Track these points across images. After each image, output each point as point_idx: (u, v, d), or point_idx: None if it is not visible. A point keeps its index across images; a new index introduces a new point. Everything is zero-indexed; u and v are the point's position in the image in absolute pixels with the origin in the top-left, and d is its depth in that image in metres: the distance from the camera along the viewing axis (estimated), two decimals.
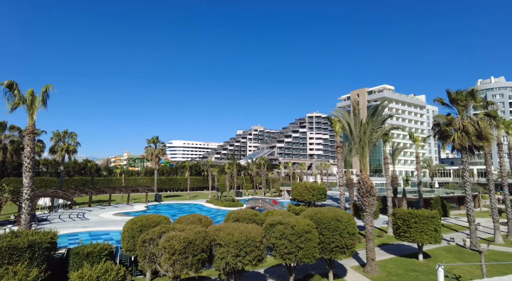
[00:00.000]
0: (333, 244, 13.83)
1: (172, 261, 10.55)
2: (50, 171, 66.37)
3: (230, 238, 11.31)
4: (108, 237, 23.81)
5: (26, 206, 16.44)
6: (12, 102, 16.52)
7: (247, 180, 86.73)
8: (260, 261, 11.95)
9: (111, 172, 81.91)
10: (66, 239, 22.37)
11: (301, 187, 26.97)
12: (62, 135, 51.70)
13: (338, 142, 25.66)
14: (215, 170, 67.10)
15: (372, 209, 17.35)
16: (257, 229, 12.38)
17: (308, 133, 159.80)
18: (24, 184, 16.49)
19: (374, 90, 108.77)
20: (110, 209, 42.17)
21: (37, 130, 17.99)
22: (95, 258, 12.70)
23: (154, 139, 62.56)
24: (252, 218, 16.96)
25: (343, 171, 26.51)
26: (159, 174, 69.28)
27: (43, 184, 56.34)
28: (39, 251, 12.05)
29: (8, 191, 29.10)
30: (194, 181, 77.59)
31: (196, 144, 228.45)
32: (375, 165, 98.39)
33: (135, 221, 14.74)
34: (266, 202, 38.09)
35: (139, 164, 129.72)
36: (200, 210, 43.41)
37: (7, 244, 11.53)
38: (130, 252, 14.13)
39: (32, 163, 16.78)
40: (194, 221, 15.44)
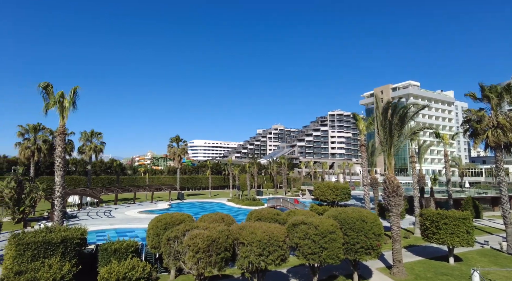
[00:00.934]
0: (358, 245, 13.49)
1: (196, 259, 10.65)
2: (79, 170, 69.35)
3: (253, 237, 11.28)
4: (133, 234, 24.52)
5: (58, 204, 17.19)
6: (46, 103, 17.30)
7: (268, 179, 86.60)
8: (283, 261, 11.84)
9: (136, 171, 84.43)
10: (95, 236, 23.21)
11: (324, 187, 26.52)
12: (89, 135, 53.83)
13: (362, 140, 24.98)
14: (235, 169, 67.48)
15: (399, 210, 16.75)
16: (280, 228, 12.27)
17: (330, 132, 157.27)
18: (56, 183, 17.24)
19: (399, 87, 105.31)
20: (135, 207, 43.43)
21: (67, 131, 18.75)
22: (122, 254, 13.06)
23: (176, 138, 63.79)
24: (274, 217, 16.85)
25: (367, 170, 25.78)
26: (181, 173, 70.61)
27: (73, 183, 58.92)
28: (70, 247, 12.55)
29: (42, 189, 30.63)
30: (215, 180, 78.46)
31: (217, 143, 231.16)
32: (400, 164, 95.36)
33: (160, 219, 15.03)
34: (287, 202, 37.84)
35: (162, 163, 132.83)
36: (221, 209, 43.82)
37: (42, 239, 12.08)
38: (155, 250, 14.43)
39: (63, 163, 17.52)
40: (217, 220, 15.53)
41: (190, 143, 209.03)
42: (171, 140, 63.84)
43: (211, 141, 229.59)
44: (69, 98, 17.38)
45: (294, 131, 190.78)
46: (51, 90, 17.31)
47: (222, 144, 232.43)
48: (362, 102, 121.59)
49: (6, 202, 28.49)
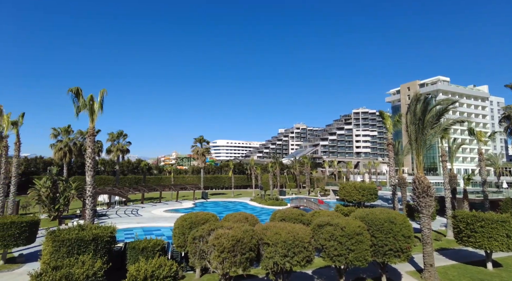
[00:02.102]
0: (386, 247, 13.01)
1: (221, 258, 10.69)
2: (107, 170, 72.23)
3: (278, 238, 11.17)
4: (159, 233, 25.12)
5: (89, 202, 17.92)
6: (77, 107, 18.09)
7: (290, 179, 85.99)
8: (309, 262, 11.64)
9: (161, 171, 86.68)
10: (123, 234, 24.01)
11: (350, 187, 25.91)
12: (116, 136, 55.99)
13: (389, 138, 24.13)
14: (257, 168, 67.56)
15: (429, 211, 15.97)
16: (305, 229, 12.08)
17: (354, 130, 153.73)
18: (87, 182, 17.97)
19: (427, 83, 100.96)
20: (161, 206, 44.57)
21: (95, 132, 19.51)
22: (149, 253, 13.38)
23: (199, 138, 64.91)
24: (299, 218, 16.64)
25: (395, 170, 24.87)
26: (204, 172, 71.71)
27: (102, 182, 61.44)
28: (101, 244, 13.02)
29: (74, 188, 32.14)
30: (237, 179, 78.98)
31: (239, 143, 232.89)
32: (429, 163, 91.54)
33: (185, 218, 15.26)
34: (311, 202, 37.32)
35: (186, 163, 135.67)
36: (244, 208, 44.00)
37: (75, 236, 12.63)
38: (181, 248, 14.67)
39: (93, 163, 18.24)
40: (241, 219, 15.56)
41: (212, 143, 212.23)
42: (195, 141, 65.03)
43: (233, 141, 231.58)
44: (97, 101, 18.07)
45: (316, 130, 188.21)
46: (81, 94, 18.06)
47: (244, 144, 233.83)
48: (388, 99, 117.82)
49: (43, 200, 30.17)
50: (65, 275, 8.87)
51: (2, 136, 23.21)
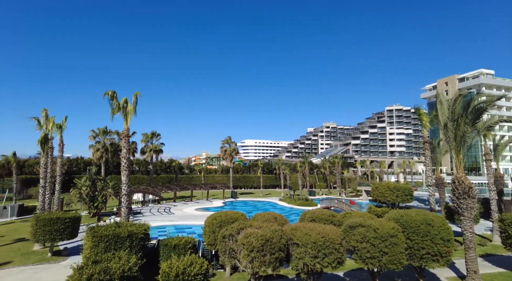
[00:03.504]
0: (423, 251, 12.34)
1: (251, 258, 10.72)
2: (142, 170, 75.36)
3: (308, 239, 11.01)
4: (191, 231, 25.75)
5: (124, 201, 18.78)
6: (112, 109, 19.02)
7: (320, 179, 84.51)
8: (340, 264, 11.34)
9: (192, 170, 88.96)
10: (156, 231, 24.89)
11: (383, 187, 24.93)
12: (149, 137, 58.33)
13: (425, 137, 22.86)
14: (286, 168, 67.11)
15: (472, 213, 14.90)
16: (336, 230, 11.79)
17: (388, 128, 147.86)
18: (122, 181, 18.84)
19: (467, 77, 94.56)
20: (192, 204, 45.70)
21: (130, 133, 20.39)
22: (181, 250, 13.73)
23: (227, 139, 65.86)
24: (329, 218, 16.28)
25: (432, 169, 23.53)
26: (233, 172, 72.54)
27: (136, 181, 64.21)
28: (136, 241, 13.58)
29: (111, 187, 33.89)
30: (266, 179, 79.01)
31: (267, 142, 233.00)
32: (470, 162, 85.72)
33: (215, 217, 15.50)
34: (342, 202, 36.41)
35: (216, 163, 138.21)
36: (273, 208, 43.91)
37: (112, 232, 13.28)
38: (211, 246, 14.91)
39: (128, 163, 19.08)
40: (270, 219, 15.51)
41: (241, 143, 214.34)
42: (223, 141, 66.07)
43: (261, 140, 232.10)
44: (131, 103, 18.88)
45: (347, 128, 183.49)
46: (116, 97, 18.96)
47: (272, 144, 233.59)
48: (424, 96, 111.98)
49: (84, 198, 32.13)
50: (104, 269, 9.32)
51: (48, 138, 24.99)
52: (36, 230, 17.20)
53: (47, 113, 24.98)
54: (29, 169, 57.94)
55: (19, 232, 24.35)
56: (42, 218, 17.22)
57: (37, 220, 17.28)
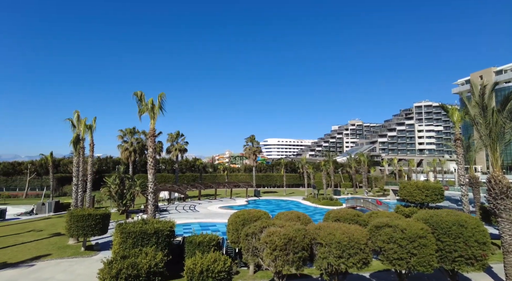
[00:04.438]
0: (455, 253, 11.70)
1: (274, 256, 10.70)
2: (167, 168, 77.38)
3: (332, 238, 10.83)
4: (215, 229, 26.09)
5: (151, 198, 19.37)
6: (140, 109, 19.66)
7: (345, 178, 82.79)
8: (366, 265, 11.05)
9: (216, 169, 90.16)
10: (182, 228, 25.45)
11: (411, 186, 23.94)
12: (174, 136, 59.83)
13: (457, 134, 21.70)
14: (310, 167, 66.29)
15: (511, 215, 13.96)
16: (361, 230, 11.49)
17: (417, 125, 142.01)
18: (149, 180, 19.43)
19: (505, 69, 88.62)
20: (216, 202, 46.36)
21: (156, 133, 20.98)
22: (205, 247, 13.96)
23: (250, 138, 66.11)
24: (354, 218, 15.91)
25: (464, 168, 22.31)
26: (256, 171, 72.72)
27: (162, 180, 66.06)
28: (162, 237, 13.97)
29: (139, 185, 35.09)
30: (289, 178, 78.51)
31: (290, 141, 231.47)
32: (508, 160, 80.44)
33: (238, 215, 15.60)
34: (368, 202, 35.46)
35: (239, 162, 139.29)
36: (297, 207, 43.57)
37: (139, 229, 13.75)
38: (235, 244, 15.03)
39: (154, 162, 19.65)
40: (293, 218, 15.40)
41: (263, 142, 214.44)
42: (246, 140, 66.41)
43: (284, 139, 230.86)
44: (157, 104, 19.41)
45: (374, 126, 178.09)
46: (144, 98, 19.57)
47: (295, 142, 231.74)
48: (456, 91, 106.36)
49: (113, 196, 33.51)
50: (131, 264, 9.67)
51: (80, 138, 26.29)
52: (70, 225, 18.16)
53: (78, 115, 26.27)
54: (63, 168, 61.28)
55: (56, 227, 25.83)
56: (75, 215, 18.16)
57: (71, 216, 18.24)
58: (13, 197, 50.96)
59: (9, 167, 59.98)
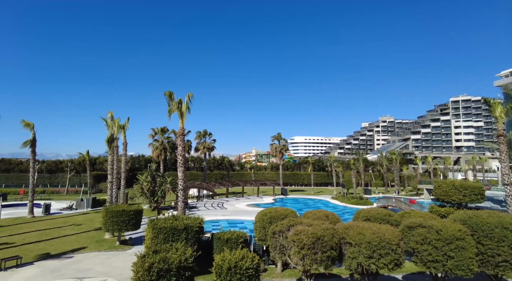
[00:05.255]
0: (499, 258, 10.94)
1: (301, 255, 10.62)
2: (196, 166, 79.22)
3: (361, 238, 10.55)
4: (242, 226, 26.34)
5: (181, 195, 19.95)
6: (169, 109, 20.28)
7: (376, 177, 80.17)
8: (398, 266, 10.65)
9: (242, 167, 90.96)
10: (210, 225, 25.97)
11: (447, 185, 22.66)
12: (202, 135, 61.15)
13: (500, 129, 20.23)
14: (339, 165, 64.90)
15: None
16: (392, 230, 11.08)
17: (453, 121, 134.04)
18: (179, 177, 20.01)
19: None
20: (243, 200, 46.78)
21: (185, 132, 21.52)
22: (233, 244, 14.12)
23: (277, 136, 65.89)
24: (386, 218, 15.37)
25: (509, 166, 20.75)
26: (283, 169, 72.39)
27: (191, 177, 67.71)
28: (191, 233, 14.34)
29: (169, 182, 36.24)
30: (317, 176, 77.35)
31: (318, 139, 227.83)
32: None
33: (265, 213, 15.63)
34: (401, 202, 34.12)
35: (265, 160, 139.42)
36: (325, 206, 42.88)
37: (170, 225, 14.21)
38: (262, 242, 15.09)
39: (183, 160, 20.21)
40: (321, 217, 15.18)
41: (290, 140, 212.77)
42: (273, 138, 66.29)
43: (312, 137, 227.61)
44: (185, 103, 19.90)
45: (406, 122, 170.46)
46: (173, 97, 20.15)
47: (323, 140, 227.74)
48: (498, 83, 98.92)
49: (145, 193, 34.90)
50: (163, 258, 9.99)
51: (114, 138, 27.62)
52: (106, 220, 19.15)
53: (112, 115, 27.59)
54: (99, 166, 64.71)
55: (93, 222, 27.38)
56: (110, 210, 19.11)
57: (106, 212, 19.22)
58: (56, 193, 54.73)
59: (52, 165, 64.42)
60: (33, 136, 30.55)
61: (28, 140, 30.46)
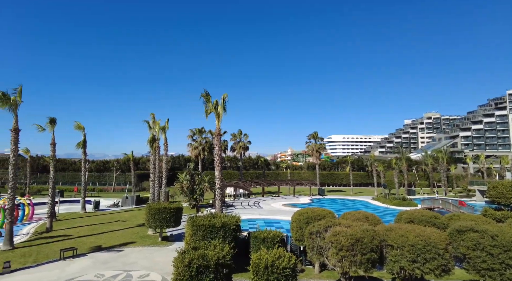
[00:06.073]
0: None
1: (340, 256, 10.34)
2: (232, 166, 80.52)
3: (404, 241, 10.02)
4: (279, 226, 26.26)
5: (218, 194, 20.41)
6: (206, 110, 20.85)
7: (421, 177, 75.57)
8: (446, 272, 9.96)
9: (278, 167, 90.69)
10: (247, 224, 26.22)
11: (504, 187, 20.78)
12: (238, 135, 62.11)
13: None
14: (380, 165, 62.09)
15: None
16: (439, 234, 10.37)
17: (511, 116, 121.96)
18: (216, 176, 20.50)
19: None
20: (279, 200, 46.65)
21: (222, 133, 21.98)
22: (269, 243, 14.15)
23: (313, 135, 64.80)
24: (431, 220, 14.47)
25: None
26: (320, 168, 70.98)
27: (228, 176, 68.90)
28: (228, 231, 14.61)
29: (207, 181, 37.26)
30: (356, 176, 74.74)
31: (356, 138, 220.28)
32: None
33: (302, 213, 15.45)
34: (448, 203, 31.78)
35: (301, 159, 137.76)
36: (365, 207, 41.33)
37: (208, 222, 14.62)
38: (299, 242, 14.94)
39: (220, 159, 20.66)
40: (360, 218, 14.70)
41: (327, 139, 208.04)
42: (309, 137, 65.32)
43: (350, 135, 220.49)
44: (221, 103, 20.32)
45: (454, 118, 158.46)
46: (210, 99, 20.68)
47: (362, 139, 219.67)
48: None
49: (185, 191, 36.22)
50: (201, 255, 10.30)
51: (155, 138, 29.03)
52: (149, 217, 20.18)
53: (154, 117, 29.00)
54: (142, 166, 68.38)
55: (137, 219, 29.03)
56: (153, 208, 20.11)
57: (149, 209, 20.26)
58: (104, 191, 58.91)
59: (100, 165, 69.41)
60: (84, 137, 33.17)
61: (80, 142, 33.16)
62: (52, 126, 25.67)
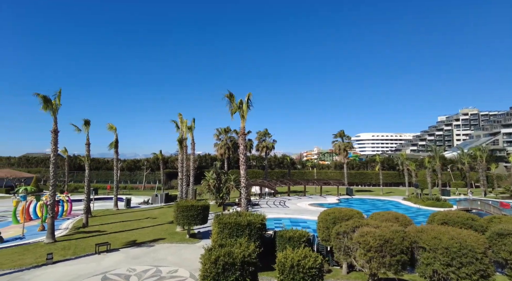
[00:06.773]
0: None
1: (368, 257, 10.08)
2: (257, 165, 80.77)
3: (437, 243, 9.55)
4: (305, 225, 25.99)
5: (243, 192, 20.57)
6: (231, 110, 21.07)
7: (456, 177, 71.60)
8: (485, 278, 9.35)
9: (304, 166, 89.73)
10: (273, 223, 26.19)
11: None
12: (263, 135, 62.28)
13: None
14: (411, 164, 59.53)
15: None
16: (477, 237, 9.76)
17: None
18: (241, 175, 20.67)
19: None
20: (305, 199, 46.15)
21: (246, 132, 22.11)
22: (295, 242, 14.05)
23: (340, 133, 63.42)
24: (467, 222, 13.68)
25: None
26: (348, 168, 69.32)
27: (253, 175, 69.19)
28: (254, 230, 14.68)
29: (233, 180, 37.68)
30: (386, 176, 72.23)
31: (387, 135, 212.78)
32: None
33: (328, 213, 15.20)
34: (488, 205, 29.86)
35: (328, 158, 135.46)
36: (396, 208, 39.85)
37: (234, 220, 14.78)
38: (326, 242, 14.70)
39: (245, 158, 20.80)
40: (390, 219, 14.21)
41: (355, 137, 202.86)
42: (335, 136, 64.06)
43: (380, 133, 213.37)
44: (245, 103, 20.44)
45: (494, 114, 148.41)
46: (233, 99, 20.87)
47: (393, 136, 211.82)
48: None
49: (211, 189, 36.89)
50: (227, 252, 10.43)
51: (183, 138, 29.81)
52: (177, 215, 20.77)
53: (181, 117, 29.77)
54: (171, 165, 70.45)
55: (166, 216, 29.97)
56: (181, 206, 20.67)
57: (177, 206, 20.84)
58: (135, 189, 61.43)
59: (131, 164, 72.44)
60: (116, 138, 34.76)
61: (112, 142, 34.77)
62: (86, 127, 27.13)
